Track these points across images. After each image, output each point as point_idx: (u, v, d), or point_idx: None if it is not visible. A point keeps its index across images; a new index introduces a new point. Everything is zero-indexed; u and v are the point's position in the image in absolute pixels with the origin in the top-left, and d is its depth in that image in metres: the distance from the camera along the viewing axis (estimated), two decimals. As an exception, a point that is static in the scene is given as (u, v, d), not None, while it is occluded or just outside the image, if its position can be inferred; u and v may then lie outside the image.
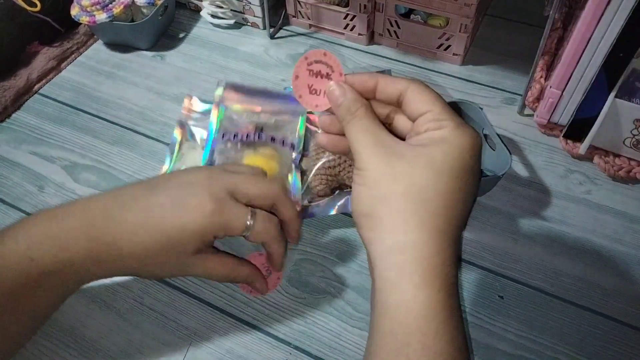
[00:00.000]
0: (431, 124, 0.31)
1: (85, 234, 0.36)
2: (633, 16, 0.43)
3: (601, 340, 0.42)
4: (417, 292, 0.28)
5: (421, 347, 0.27)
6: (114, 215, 0.37)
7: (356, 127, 0.33)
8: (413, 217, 0.29)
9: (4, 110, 0.62)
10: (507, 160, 0.47)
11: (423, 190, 0.29)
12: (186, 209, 0.37)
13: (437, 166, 0.29)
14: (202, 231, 0.37)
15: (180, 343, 0.43)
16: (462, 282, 0.46)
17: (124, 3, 0.65)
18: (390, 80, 0.34)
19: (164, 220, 0.36)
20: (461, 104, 0.53)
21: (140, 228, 0.36)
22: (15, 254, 0.35)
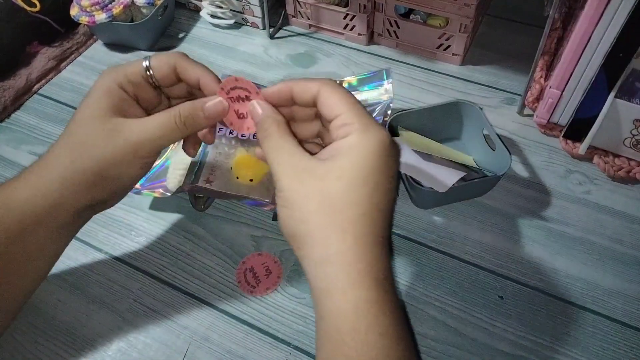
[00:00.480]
0: (340, 130, 0.32)
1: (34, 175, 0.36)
2: (633, 16, 0.43)
3: (601, 340, 0.42)
4: (345, 295, 0.30)
5: (354, 342, 0.29)
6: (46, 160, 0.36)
7: (269, 145, 0.33)
8: (332, 231, 0.30)
9: (4, 110, 0.62)
10: (506, 161, 0.47)
11: (336, 203, 0.30)
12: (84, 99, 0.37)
13: (346, 176, 0.30)
14: (104, 86, 0.36)
15: (180, 343, 0.43)
16: (462, 282, 0.46)
17: (123, 3, 0.65)
18: (303, 85, 0.34)
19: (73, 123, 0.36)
20: (461, 104, 0.53)
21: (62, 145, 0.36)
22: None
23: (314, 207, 0.31)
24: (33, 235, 0.36)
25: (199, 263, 0.48)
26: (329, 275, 0.30)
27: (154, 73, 0.37)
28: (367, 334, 0.29)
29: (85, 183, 0.36)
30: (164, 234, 0.50)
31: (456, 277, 0.46)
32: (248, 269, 0.47)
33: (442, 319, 0.44)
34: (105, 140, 0.35)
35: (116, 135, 0.35)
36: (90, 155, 0.35)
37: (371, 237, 0.30)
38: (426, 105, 0.54)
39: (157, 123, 0.36)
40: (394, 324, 0.30)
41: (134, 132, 0.36)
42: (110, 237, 0.50)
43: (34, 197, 0.35)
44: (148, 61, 0.37)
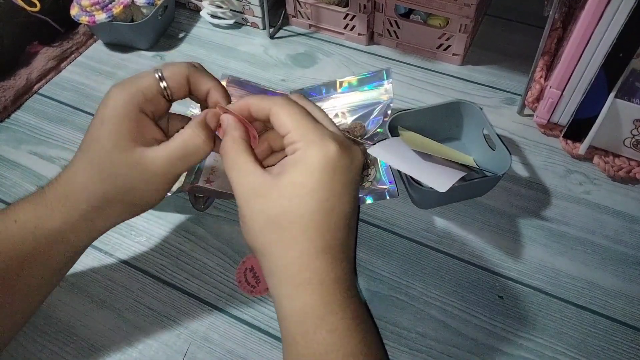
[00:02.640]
0: (289, 148, 0.34)
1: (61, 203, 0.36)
2: (633, 16, 0.43)
3: (601, 340, 0.42)
4: (292, 301, 0.32)
5: (304, 341, 0.32)
6: (67, 178, 0.36)
7: (225, 164, 0.35)
8: (277, 247, 0.32)
9: (4, 110, 0.62)
10: (506, 161, 0.47)
11: (279, 221, 0.32)
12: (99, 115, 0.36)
13: (287, 195, 0.32)
14: (123, 109, 0.35)
15: (180, 343, 0.43)
16: (462, 282, 0.46)
17: (123, 3, 0.65)
18: (258, 104, 0.35)
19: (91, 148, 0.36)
20: (461, 104, 0.53)
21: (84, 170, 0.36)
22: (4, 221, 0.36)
23: (259, 225, 0.33)
24: (55, 255, 0.37)
25: (199, 263, 0.48)
26: (277, 285, 0.33)
27: (168, 85, 0.36)
28: (315, 333, 0.32)
29: (115, 212, 0.37)
30: (164, 234, 0.50)
31: (456, 277, 0.46)
32: (248, 268, 0.47)
33: (442, 319, 0.44)
34: (133, 172, 0.35)
35: (143, 167, 0.35)
36: (119, 188, 0.36)
37: (316, 249, 0.32)
38: (426, 105, 0.54)
39: (181, 153, 0.36)
40: (345, 321, 0.32)
41: (160, 165, 0.35)
42: (110, 237, 0.50)
43: (66, 224, 0.36)
44: (160, 72, 0.36)
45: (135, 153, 0.35)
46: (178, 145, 0.35)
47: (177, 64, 0.37)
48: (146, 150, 0.35)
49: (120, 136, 0.35)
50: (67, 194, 0.36)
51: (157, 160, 0.35)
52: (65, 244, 0.37)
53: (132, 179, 0.35)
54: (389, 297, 0.45)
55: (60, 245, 0.37)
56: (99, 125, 0.35)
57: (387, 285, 0.46)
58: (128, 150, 0.35)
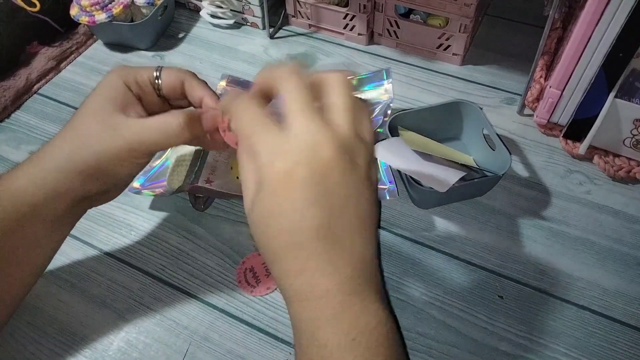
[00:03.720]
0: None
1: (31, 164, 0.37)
2: (633, 16, 0.43)
3: (601, 340, 0.42)
4: (289, 312, 0.31)
5: (300, 354, 0.31)
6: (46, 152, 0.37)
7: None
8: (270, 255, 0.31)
9: (4, 110, 0.62)
10: (506, 160, 0.47)
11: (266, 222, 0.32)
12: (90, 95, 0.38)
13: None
14: (111, 81, 0.38)
15: (180, 343, 0.43)
16: (462, 282, 0.46)
17: (123, 3, 0.65)
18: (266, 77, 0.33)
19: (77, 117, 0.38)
20: (460, 104, 0.53)
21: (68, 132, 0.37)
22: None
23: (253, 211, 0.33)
24: (29, 226, 0.36)
25: (199, 263, 0.48)
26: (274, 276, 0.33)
27: (162, 83, 0.39)
28: (308, 347, 0.30)
29: (81, 174, 0.36)
30: (164, 234, 0.50)
31: (456, 277, 0.46)
32: (248, 268, 0.47)
33: (442, 319, 0.44)
34: (104, 135, 0.36)
35: (115, 132, 0.36)
36: (88, 148, 0.36)
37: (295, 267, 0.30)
38: (426, 105, 0.54)
39: (155, 127, 0.37)
40: (337, 336, 0.29)
41: (132, 132, 0.36)
42: (110, 237, 0.50)
43: (31, 187, 0.36)
44: (159, 71, 0.39)
45: (112, 117, 0.36)
46: (157, 120, 0.37)
47: (177, 69, 0.40)
48: (125, 119, 0.37)
49: (102, 101, 0.37)
50: (39, 157, 0.37)
51: (132, 127, 0.36)
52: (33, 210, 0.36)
53: (104, 142, 0.36)
54: (389, 297, 0.45)
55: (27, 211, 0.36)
56: (90, 94, 0.38)
57: (387, 285, 0.46)
58: (107, 113, 0.36)
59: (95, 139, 0.36)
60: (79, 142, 0.36)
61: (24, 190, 0.36)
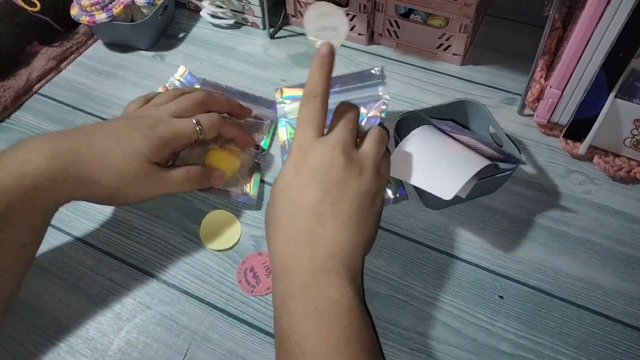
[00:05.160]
0: None
1: (48, 160, 0.39)
2: (633, 16, 0.43)
3: (601, 340, 0.42)
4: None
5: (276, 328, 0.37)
6: (75, 148, 0.41)
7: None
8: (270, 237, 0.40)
9: (4, 110, 0.62)
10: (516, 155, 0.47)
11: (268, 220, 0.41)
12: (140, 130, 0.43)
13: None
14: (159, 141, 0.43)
15: (180, 343, 0.43)
16: (462, 282, 0.46)
17: (123, 3, 0.65)
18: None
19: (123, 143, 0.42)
20: (466, 103, 0.53)
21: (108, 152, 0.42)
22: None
23: (268, 228, 0.41)
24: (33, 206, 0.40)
25: (199, 263, 0.48)
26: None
27: (204, 133, 0.46)
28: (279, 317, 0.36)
29: (101, 199, 0.43)
30: (164, 234, 0.50)
31: (456, 277, 0.46)
32: (248, 268, 0.47)
33: (442, 319, 0.44)
34: (144, 184, 0.43)
35: (154, 184, 0.44)
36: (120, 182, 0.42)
37: (282, 239, 0.38)
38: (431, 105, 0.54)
39: (176, 181, 0.45)
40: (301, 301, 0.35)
41: (161, 185, 0.44)
42: (110, 237, 0.50)
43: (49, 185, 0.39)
44: (199, 126, 0.45)
45: (154, 172, 0.44)
46: (181, 176, 0.46)
47: (211, 116, 0.47)
48: (160, 172, 0.44)
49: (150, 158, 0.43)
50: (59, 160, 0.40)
51: (164, 180, 0.44)
52: (40, 201, 0.39)
53: (143, 190, 0.44)
54: (389, 297, 0.45)
55: (35, 201, 0.39)
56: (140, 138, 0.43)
57: (387, 285, 0.46)
58: (152, 168, 0.43)
59: (127, 182, 0.42)
60: (110, 176, 0.41)
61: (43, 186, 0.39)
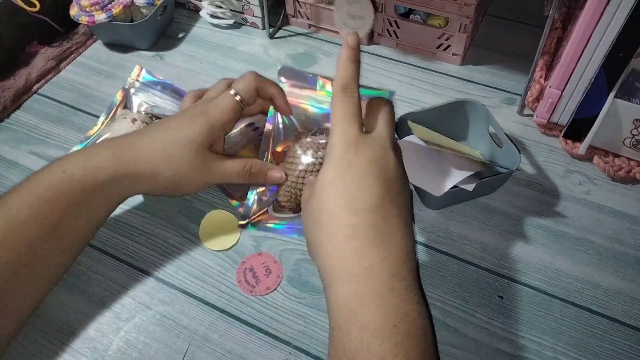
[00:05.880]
0: None
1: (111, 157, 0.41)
2: (632, 16, 0.43)
3: (601, 340, 0.42)
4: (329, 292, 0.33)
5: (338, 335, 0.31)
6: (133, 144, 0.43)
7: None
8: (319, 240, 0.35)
9: (3, 110, 0.62)
10: (515, 156, 0.47)
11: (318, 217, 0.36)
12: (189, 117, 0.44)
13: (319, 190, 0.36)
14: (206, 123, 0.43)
15: (180, 343, 0.43)
16: (462, 282, 0.46)
17: (123, 3, 0.65)
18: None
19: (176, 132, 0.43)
20: (465, 103, 0.53)
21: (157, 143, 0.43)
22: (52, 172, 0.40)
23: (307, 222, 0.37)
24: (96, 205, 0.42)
25: (199, 263, 0.48)
26: (320, 274, 0.34)
27: (244, 99, 0.45)
28: (347, 328, 0.30)
29: (154, 183, 0.43)
30: (164, 234, 0.50)
31: (456, 277, 0.46)
32: (248, 268, 0.47)
33: (442, 319, 0.44)
34: (193, 169, 0.43)
35: (206, 172, 0.44)
36: (175, 172, 0.42)
37: (345, 237, 0.33)
38: (431, 105, 0.54)
39: (233, 171, 0.45)
40: (379, 315, 0.30)
41: (217, 173, 0.44)
42: (110, 237, 0.50)
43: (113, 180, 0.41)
44: (235, 92, 0.44)
45: (207, 158, 0.43)
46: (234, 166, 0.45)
47: (246, 78, 0.45)
48: (213, 160, 0.44)
49: (202, 146, 0.43)
50: (123, 156, 0.41)
51: (216, 169, 0.44)
52: (107, 195, 0.42)
53: (195, 178, 0.43)
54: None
55: (102, 196, 0.41)
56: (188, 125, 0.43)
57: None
58: (202, 156, 0.43)
59: (184, 169, 0.42)
60: (168, 165, 0.42)
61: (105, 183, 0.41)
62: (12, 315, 0.38)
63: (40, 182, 0.40)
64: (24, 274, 0.38)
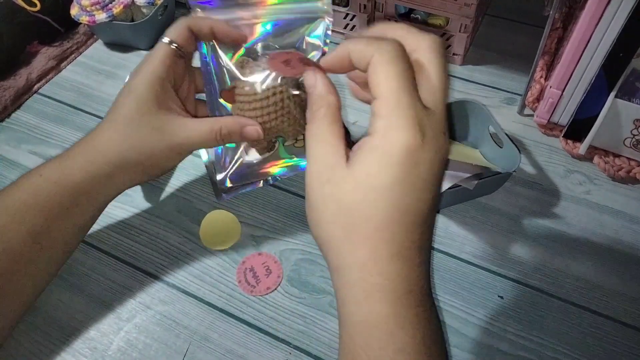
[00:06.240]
0: (371, 120, 0.29)
1: (82, 157, 0.40)
2: (633, 16, 0.43)
3: (601, 340, 0.42)
4: (359, 308, 0.28)
5: (367, 356, 0.28)
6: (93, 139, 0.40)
7: (311, 131, 0.31)
8: (345, 243, 0.29)
9: (4, 110, 0.62)
10: (515, 157, 0.47)
11: (350, 215, 0.28)
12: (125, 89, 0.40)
13: (361, 188, 0.28)
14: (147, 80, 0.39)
15: (180, 343, 0.43)
16: (462, 282, 0.46)
17: (123, 3, 0.65)
18: (360, 51, 0.30)
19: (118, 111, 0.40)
20: (466, 103, 0.53)
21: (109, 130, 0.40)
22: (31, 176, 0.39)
23: (329, 216, 0.29)
24: (77, 210, 0.40)
25: (199, 263, 0.48)
26: (344, 285, 0.29)
27: (178, 43, 0.39)
28: (380, 349, 0.28)
29: (132, 171, 0.40)
30: (164, 234, 0.50)
31: (456, 277, 0.46)
32: (248, 268, 0.47)
33: (442, 319, 0.44)
34: (152, 137, 0.39)
35: (162, 134, 0.39)
36: (138, 149, 0.39)
37: (388, 251, 0.28)
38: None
39: (200, 132, 0.39)
40: (416, 340, 0.28)
41: (178, 135, 0.39)
42: (110, 237, 0.50)
43: (86, 178, 0.39)
44: (169, 40, 0.39)
45: (158, 119, 0.39)
46: (200, 126, 0.39)
47: (177, 22, 0.40)
48: (168, 120, 0.39)
49: (147, 102, 0.38)
50: (89, 151, 0.39)
51: (178, 131, 0.39)
52: (86, 197, 0.40)
53: (153, 144, 0.39)
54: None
55: (82, 198, 0.40)
56: (126, 94, 0.39)
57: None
58: (153, 114, 0.39)
59: (145, 142, 0.39)
60: (129, 144, 0.39)
61: (82, 179, 0.39)
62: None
63: (19, 186, 0.39)
64: (7, 280, 0.38)
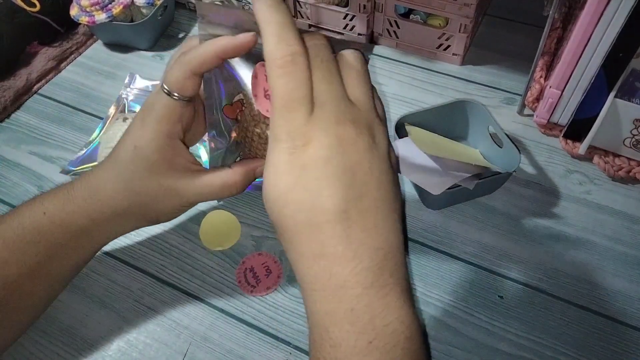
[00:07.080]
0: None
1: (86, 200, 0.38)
2: (633, 16, 0.43)
3: (601, 340, 0.42)
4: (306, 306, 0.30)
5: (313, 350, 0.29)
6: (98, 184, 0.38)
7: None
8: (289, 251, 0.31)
9: (4, 110, 0.62)
10: (515, 157, 0.47)
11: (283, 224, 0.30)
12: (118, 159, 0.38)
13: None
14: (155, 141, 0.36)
15: (180, 343, 0.43)
16: (462, 282, 0.46)
17: (123, 3, 0.65)
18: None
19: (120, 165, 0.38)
20: (465, 103, 0.53)
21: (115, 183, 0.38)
22: (34, 212, 0.38)
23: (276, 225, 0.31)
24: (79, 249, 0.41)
25: (199, 263, 0.48)
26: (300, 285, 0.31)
27: (179, 94, 0.35)
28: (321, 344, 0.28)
29: (138, 219, 0.40)
30: (164, 234, 0.50)
31: (456, 277, 0.46)
32: (248, 268, 0.47)
33: (442, 319, 0.44)
34: (163, 196, 0.38)
35: (172, 193, 0.38)
36: (147, 205, 0.38)
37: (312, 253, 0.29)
38: (430, 105, 0.54)
39: (212, 188, 0.38)
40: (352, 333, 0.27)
41: (189, 191, 0.38)
42: (110, 237, 0.50)
43: (91, 224, 0.38)
44: (168, 90, 0.35)
45: (168, 179, 0.37)
46: (213, 180, 0.38)
47: (173, 68, 0.35)
48: (179, 179, 0.37)
49: (156, 163, 0.37)
50: (94, 198, 0.38)
51: (190, 189, 0.38)
52: (89, 239, 0.40)
53: (159, 200, 0.38)
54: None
55: (85, 240, 0.40)
56: (132, 150, 0.37)
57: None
58: (162, 174, 0.37)
59: (156, 199, 0.38)
60: (137, 200, 0.38)
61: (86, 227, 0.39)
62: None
63: (21, 220, 0.38)
64: (3, 311, 0.38)
